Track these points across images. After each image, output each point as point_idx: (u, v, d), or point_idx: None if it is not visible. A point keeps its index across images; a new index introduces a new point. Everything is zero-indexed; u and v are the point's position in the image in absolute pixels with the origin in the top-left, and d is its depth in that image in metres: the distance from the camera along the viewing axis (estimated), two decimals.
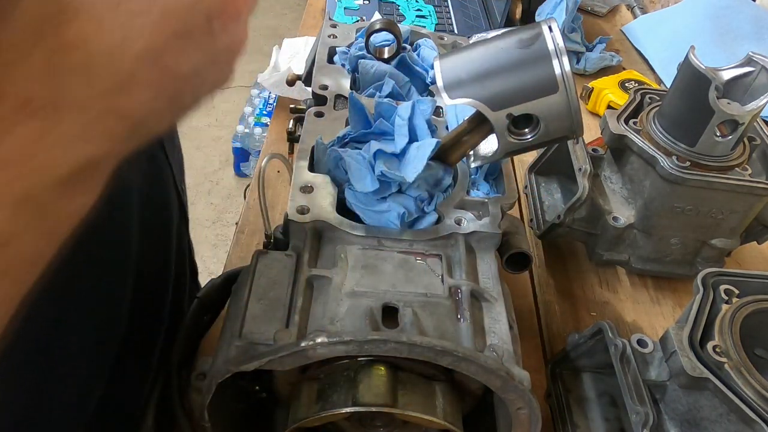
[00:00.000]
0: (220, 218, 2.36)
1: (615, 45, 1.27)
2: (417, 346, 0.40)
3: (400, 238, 0.49)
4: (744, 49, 0.65)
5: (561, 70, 0.44)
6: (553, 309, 0.72)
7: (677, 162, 0.63)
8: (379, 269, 0.47)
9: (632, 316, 0.72)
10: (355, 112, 0.56)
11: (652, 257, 0.72)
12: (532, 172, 0.83)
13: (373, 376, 0.44)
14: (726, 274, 0.51)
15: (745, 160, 0.66)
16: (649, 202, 0.67)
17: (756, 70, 0.62)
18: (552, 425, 0.57)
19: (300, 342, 0.40)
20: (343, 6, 1.23)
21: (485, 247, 0.51)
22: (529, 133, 0.48)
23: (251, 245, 0.75)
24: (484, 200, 0.53)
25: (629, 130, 0.68)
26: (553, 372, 0.59)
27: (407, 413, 0.43)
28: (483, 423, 0.51)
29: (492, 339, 0.45)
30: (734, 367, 0.44)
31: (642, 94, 0.74)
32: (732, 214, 0.67)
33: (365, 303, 0.44)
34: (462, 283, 0.47)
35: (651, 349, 0.49)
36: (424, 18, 1.24)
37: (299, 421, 0.44)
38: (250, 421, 0.52)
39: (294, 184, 0.51)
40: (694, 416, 0.46)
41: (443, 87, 0.47)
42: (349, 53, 0.68)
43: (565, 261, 0.78)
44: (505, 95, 0.46)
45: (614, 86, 1.05)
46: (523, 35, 0.46)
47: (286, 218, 0.49)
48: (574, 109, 0.46)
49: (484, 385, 0.44)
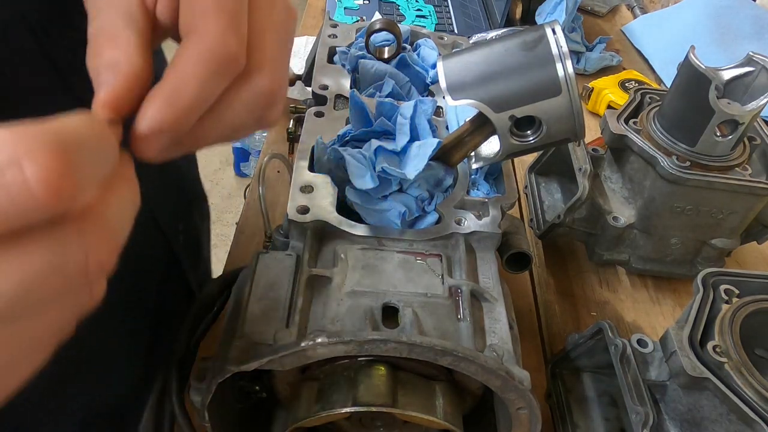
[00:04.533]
0: (220, 218, 2.36)
1: (615, 45, 1.27)
2: (417, 346, 0.40)
3: (400, 237, 0.49)
4: (744, 49, 0.65)
5: (564, 72, 0.45)
6: (553, 309, 0.72)
7: (677, 162, 0.63)
8: (379, 269, 0.47)
9: (632, 316, 0.72)
10: (356, 110, 0.56)
11: (652, 257, 0.72)
12: (532, 172, 0.83)
13: (373, 376, 0.44)
14: (726, 274, 0.51)
15: (745, 160, 0.66)
16: (649, 202, 0.67)
17: (756, 70, 0.62)
18: (552, 425, 0.57)
19: (300, 342, 0.40)
20: (343, 6, 1.23)
21: (485, 247, 0.52)
22: (531, 135, 0.48)
23: (251, 245, 0.75)
24: (484, 200, 0.53)
25: (629, 130, 0.68)
26: (553, 372, 0.59)
27: (407, 413, 0.43)
28: (483, 423, 0.51)
29: (492, 339, 0.45)
30: (734, 367, 0.44)
31: (642, 94, 0.74)
32: (732, 214, 0.67)
33: (365, 303, 0.44)
34: (462, 283, 0.47)
35: (651, 349, 0.49)
36: (424, 18, 1.24)
37: (299, 421, 0.44)
38: (250, 421, 0.52)
39: (294, 184, 0.51)
40: (694, 416, 0.46)
41: (446, 88, 0.47)
42: (349, 53, 0.68)
43: (565, 261, 0.78)
44: (507, 97, 0.46)
45: (614, 86, 1.05)
46: (527, 37, 0.46)
47: (286, 218, 0.49)
48: (577, 112, 0.46)
49: (484, 385, 0.44)
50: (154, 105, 0.28)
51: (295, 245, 0.49)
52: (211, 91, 0.29)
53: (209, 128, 0.31)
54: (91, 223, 0.22)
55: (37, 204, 0.19)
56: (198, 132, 0.30)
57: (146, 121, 0.28)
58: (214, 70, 0.29)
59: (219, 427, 0.45)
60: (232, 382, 0.42)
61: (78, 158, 0.20)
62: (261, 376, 0.49)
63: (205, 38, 0.29)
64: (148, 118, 0.28)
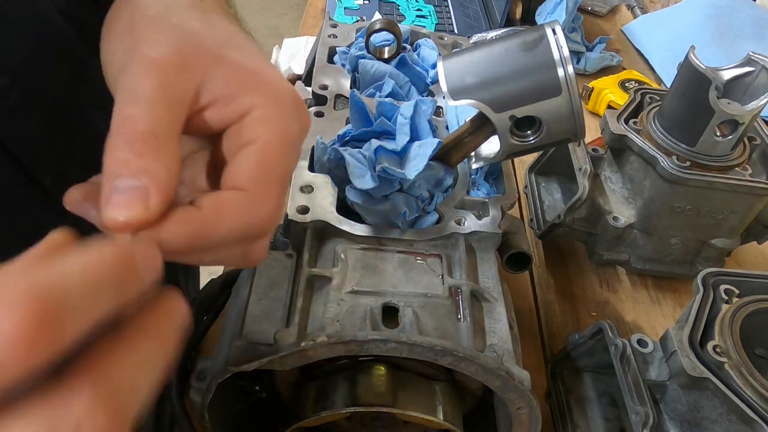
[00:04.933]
0: None
1: (615, 45, 1.27)
2: (417, 346, 0.40)
3: (400, 238, 0.49)
4: (744, 49, 0.65)
5: (564, 72, 0.45)
6: (553, 309, 0.72)
7: (677, 162, 0.63)
8: (379, 269, 0.47)
9: (632, 315, 0.72)
10: (356, 110, 0.56)
11: (652, 257, 0.72)
12: (532, 172, 0.83)
13: (373, 376, 0.44)
14: (726, 274, 0.51)
15: (745, 160, 0.66)
16: (649, 202, 0.67)
17: (756, 70, 0.62)
18: (552, 425, 0.57)
19: (300, 342, 0.40)
20: (343, 6, 1.23)
21: (485, 247, 0.52)
22: (531, 135, 0.48)
23: None
24: (484, 200, 0.53)
25: (629, 130, 0.68)
26: (553, 372, 0.59)
27: (407, 413, 0.43)
28: (483, 423, 0.51)
29: (492, 339, 0.45)
30: (734, 367, 0.44)
31: (642, 94, 0.74)
32: (732, 214, 0.67)
33: (365, 303, 0.44)
34: (462, 283, 0.47)
35: (651, 349, 0.49)
36: (424, 18, 1.24)
37: (299, 421, 0.44)
38: (250, 421, 0.52)
39: (294, 184, 0.51)
40: (694, 416, 0.46)
41: (447, 88, 0.47)
42: (349, 53, 0.68)
43: (565, 261, 0.78)
44: (508, 97, 0.46)
45: (614, 86, 1.05)
46: (527, 37, 0.46)
47: (286, 218, 0.49)
48: (577, 112, 0.46)
49: (484, 385, 0.44)
50: (179, 227, 0.26)
51: (295, 245, 0.49)
52: (230, 243, 0.29)
53: (189, 257, 0.29)
54: (89, 382, 0.19)
55: (10, 360, 0.17)
56: (190, 256, 0.29)
57: (165, 234, 0.26)
58: (243, 235, 0.29)
59: (219, 427, 0.45)
60: (232, 382, 0.42)
61: (67, 302, 0.18)
62: (261, 376, 0.49)
63: (249, 202, 0.28)
64: (167, 232, 0.26)
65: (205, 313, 0.57)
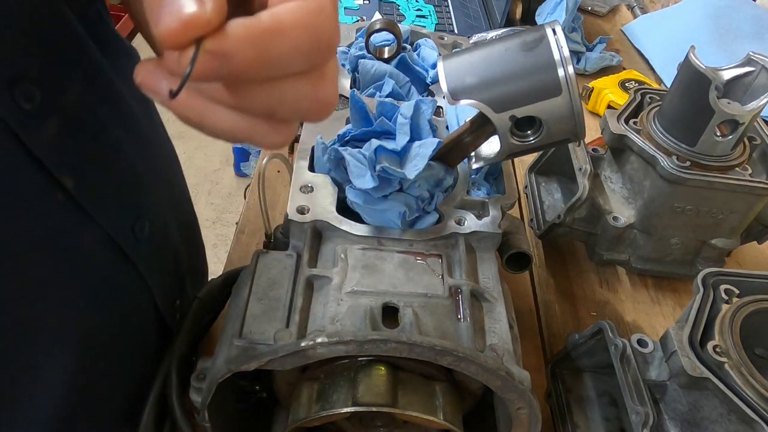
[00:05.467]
0: (220, 218, 2.36)
1: (615, 45, 1.27)
2: (417, 346, 0.40)
3: (400, 237, 0.49)
4: (744, 49, 0.65)
5: (564, 73, 0.45)
6: (553, 309, 0.72)
7: (677, 162, 0.63)
8: (379, 269, 0.47)
9: (632, 316, 0.72)
10: (356, 110, 0.56)
11: (652, 257, 0.72)
12: (532, 172, 0.83)
13: (373, 376, 0.44)
14: (726, 274, 0.51)
15: (745, 160, 0.66)
16: (649, 202, 0.67)
17: (756, 70, 0.62)
18: (552, 425, 0.57)
19: (300, 342, 0.40)
20: (343, 6, 1.23)
21: (485, 247, 0.52)
22: (531, 135, 0.48)
23: (251, 245, 0.75)
24: (484, 200, 0.53)
25: (629, 130, 0.68)
26: (553, 372, 0.59)
27: (407, 413, 0.43)
28: (483, 423, 0.51)
29: (492, 339, 0.45)
30: (734, 367, 0.44)
31: (642, 94, 0.74)
32: (732, 214, 0.67)
33: (365, 303, 0.44)
34: (462, 283, 0.47)
35: (651, 349, 0.49)
36: (424, 18, 1.24)
37: (299, 421, 0.44)
38: (250, 421, 0.52)
39: (294, 184, 0.51)
40: (694, 416, 0.46)
41: (447, 88, 0.47)
42: (349, 53, 0.68)
43: (565, 261, 0.78)
44: (508, 97, 0.46)
45: (614, 86, 1.05)
46: (527, 38, 0.46)
47: (286, 218, 0.49)
48: (577, 112, 0.46)
49: (484, 385, 0.44)
50: (243, 32, 0.25)
51: (295, 245, 0.49)
52: (297, 58, 0.27)
53: (256, 93, 0.28)
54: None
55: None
56: (242, 92, 0.28)
57: (230, 42, 0.24)
58: (309, 45, 0.27)
59: (219, 427, 0.45)
60: (232, 382, 0.42)
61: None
62: (261, 376, 0.49)
63: (308, 8, 0.27)
64: (232, 40, 0.24)
65: (205, 313, 0.58)
